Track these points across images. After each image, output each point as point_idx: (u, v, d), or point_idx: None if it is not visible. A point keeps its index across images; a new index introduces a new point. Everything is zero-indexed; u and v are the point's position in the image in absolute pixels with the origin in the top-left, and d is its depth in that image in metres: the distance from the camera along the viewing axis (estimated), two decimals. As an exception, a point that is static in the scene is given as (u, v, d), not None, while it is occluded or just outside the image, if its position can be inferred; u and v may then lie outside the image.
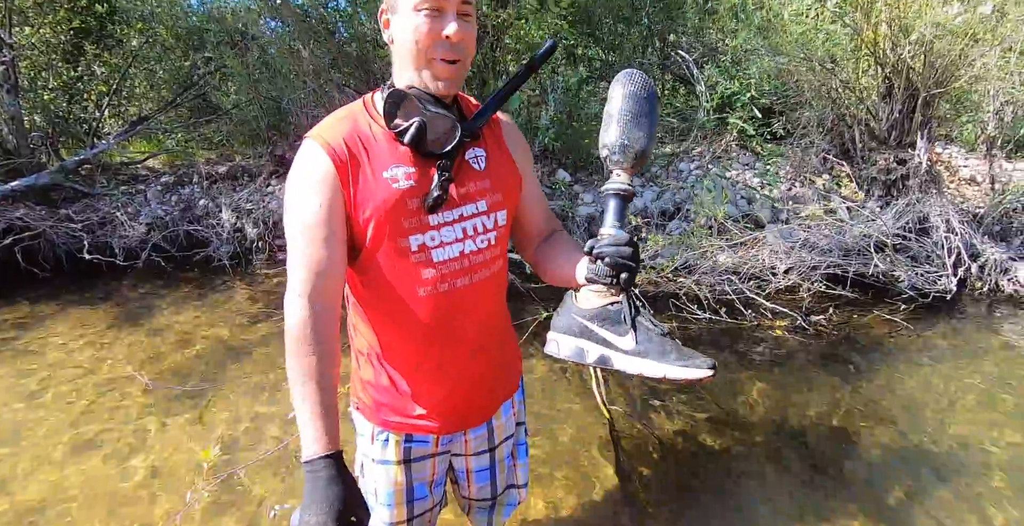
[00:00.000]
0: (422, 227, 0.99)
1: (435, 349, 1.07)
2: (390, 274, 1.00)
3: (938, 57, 3.57)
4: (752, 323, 3.18)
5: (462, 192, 1.02)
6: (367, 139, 0.98)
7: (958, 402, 2.53)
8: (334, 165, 0.94)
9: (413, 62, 0.95)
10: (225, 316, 3.59)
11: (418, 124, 0.94)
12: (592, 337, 0.89)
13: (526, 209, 1.17)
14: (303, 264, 0.94)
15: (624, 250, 0.90)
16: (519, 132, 1.19)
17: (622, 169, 0.96)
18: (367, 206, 0.95)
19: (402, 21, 0.94)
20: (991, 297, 3.66)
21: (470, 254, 1.04)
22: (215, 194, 5.06)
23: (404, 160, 0.98)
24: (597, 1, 4.88)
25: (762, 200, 4.02)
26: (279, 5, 4.38)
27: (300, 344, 0.93)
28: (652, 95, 0.99)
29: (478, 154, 1.06)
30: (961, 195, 4.58)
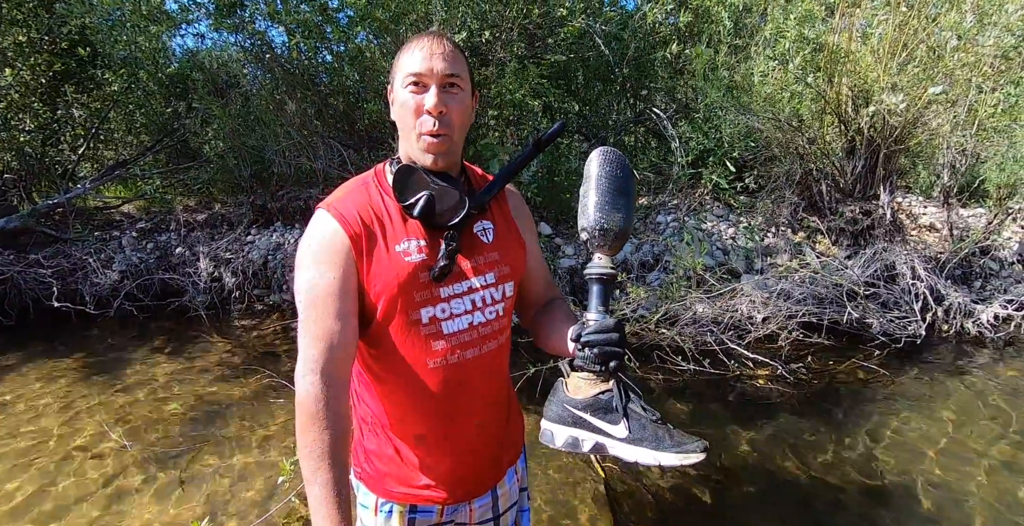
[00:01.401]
0: (433, 299, 1.00)
1: (442, 420, 1.07)
2: (401, 346, 1.01)
3: (895, 121, 3.82)
4: (735, 373, 3.23)
5: (471, 264, 1.05)
6: (380, 212, 1.00)
7: (935, 446, 2.59)
8: (348, 237, 0.95)
9: (407, 138, 0.99)
10: (202, 370, 3.49)
11: (427, 197, 0.97)
12: (585, 426, 0.90)
13: (529, 278, 1.20)
14: (316, 337, 0.94)
15: (611, 337, 0.91)
16: (525, 205, 1.23)
17: (603, 252, 0.99)
18: (380, 280, 0.97)
19: (396, 96, 0.99)
20: (958, 339, 3.79)
21: (479, 325, 1.05)
22: (193, 242, 5.00)
23: (415, 233, 1.00)
24: (573, 60, 5.11)
25: (737, 251, 4.15)
26: (266, 58, 4.47)
27: (314, 420, 0.92)
28: (627, 173, 1.03)
29: (486, 227, 1.09)
30: (923, 242, 4.80)
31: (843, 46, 3.95)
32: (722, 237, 4.34)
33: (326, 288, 0.95)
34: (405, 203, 0.98)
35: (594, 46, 4.85)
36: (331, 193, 1.05)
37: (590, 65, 5.08)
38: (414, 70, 0.95)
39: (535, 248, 1.21)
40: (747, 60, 4.61)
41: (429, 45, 0.97)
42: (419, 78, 0.96)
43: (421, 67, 0.95)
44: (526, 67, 4.39)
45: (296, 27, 4.14)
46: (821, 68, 4.06)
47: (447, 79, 0.96)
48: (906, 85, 3.73)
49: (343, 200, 0.99)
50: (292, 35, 4.14)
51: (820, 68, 4.06)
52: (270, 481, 2.38)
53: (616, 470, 2.43)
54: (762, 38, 4.57)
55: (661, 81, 5.00)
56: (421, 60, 0.96)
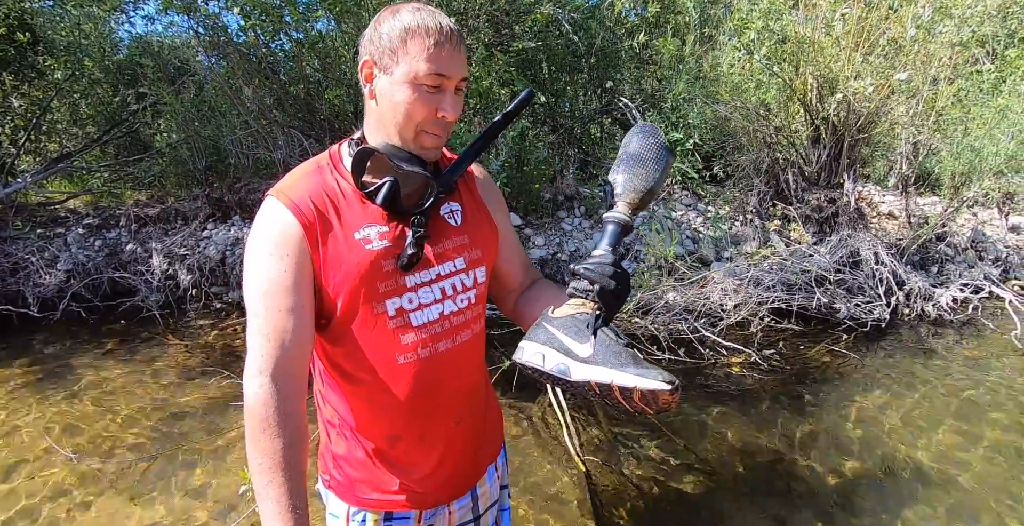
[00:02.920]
0: (399, 290, 0.93)
1: (417, 419, 0.99)
2: (366, 342, 0.93)
3: (861, 108, 3.88)
4: (710, 361, 3.23)
5: (439, 250, 0.98)
6: (336, 197, 0.92)
7: (904, 425, 2.65)
8: (301, 226, 0.87)
9: (399, 129, 0.90)
10: (157, 374, 3.29)
11: (391, 183, 0.89)
12: (554, 345, 0.85)
13: (504, 261, 1.13)
14: (265, 336, 0.86)
15: (606, 269, 0.88)
16: (494, 184, 1.16)
17: (627, 204, 0.96)
18: (338, 271, 0.89)
19: (396, 87, 0.88)
20: (919, 322, 3.90)
21: (450, 315, 0.98)
22: (144, 238, 4.75)
23: (376, 219, 0.93)
24: (540, 49, 5.04)
25: (707, 240, 4.17)
26: (221, 42, 4.26)
27: (264, 426, 0.84)
28: (667, 148, 1.01)
29: (454, 209, 1.02)
30: (883, 229, 4.92)
31: (808, 37, 3.99)
32: (692, 226, 4.35)
33: (277, 282, 0.86)
34: (366, 190, 0.91)
35: (561, 34, 4.78)
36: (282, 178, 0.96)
37: (557, 55, 5.02)
38: (440, 71, 0.86)
39: (508, 230, 1.14)
40: (714, 50, 4.62)
41: (450, 41, 0.87)
42: (442, 81, 0.87)
43: (447, 69, 0.86)
44: (493, 55, 4.30)
45: (252, 10, 3.94)
46: (787, 58, 4.10)
47: (462, 83, 0.90)
48: (870, 73, 3.80)
49: (294, 186, 0.91)
50: (247, 18, 3.94)
51: (786, 58, 4.10)
52: (231, 491, 2.24)
53: (598, 462, 2.39)
54: (728, 28, 4.60)
55: (628, 71, 4.98)
56: (448, 61, 0.86)
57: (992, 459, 2.39)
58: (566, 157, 4.91)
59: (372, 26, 0.91)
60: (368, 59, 0.90)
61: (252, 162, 4.65)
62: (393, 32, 0.86)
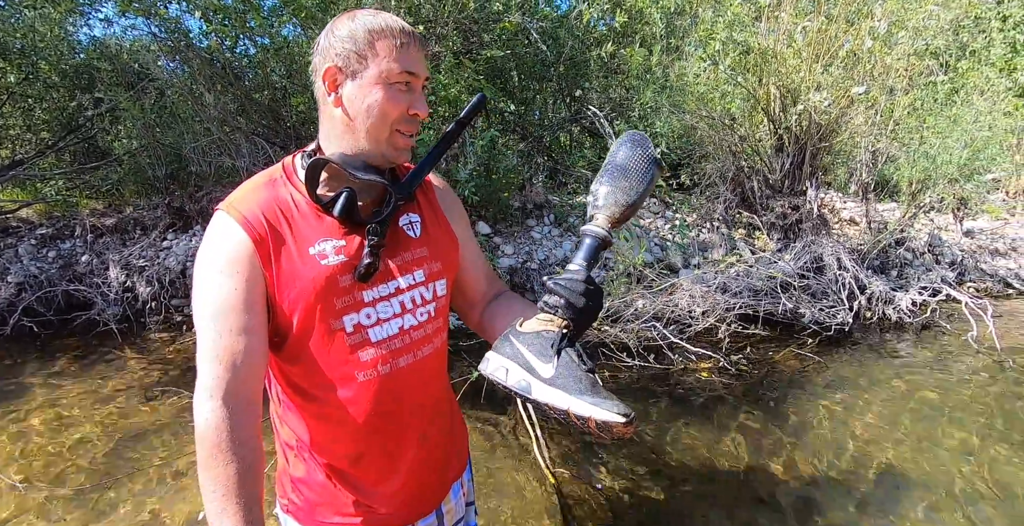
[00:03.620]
0: (356, 305, 0.91)
1: (379, 437, 0.97)
2: (324, 360, 0.90)
3: (821, 119, 3.98)
4: (679, 367, 3.25)
5: (398, 262, 0.96)
6: (289, 210, 0.89)
7: (868, 428, 2.70)
8: (252, 241, 0.84)
9: (374, 132, 0.88)
10: (114, 392, 3.15)
11: (347, 193, 0.87)
12: (519, 360, 0.85)
13: (466, 273, 1.11)
14: (216, 357, 0.83)
15: (579, 285, 0.87)
16: (453, 194, 1.14)
17: (608, 218, 0.94)
18: (292, 288, 0.86)
19: (368, 89, 0.87)
20: (880, 325, 4.00)
21: (410, 329, 0.96)
22: (101, 249, 4.58)
23: (332, 232, 0.90)
24: (509, 58, 5.05)
25: (674, 247, 4.21)
26: (182, 47, 4.15)
27: (216, 452, 0.81)
28: (655, 161, 0.99)
29: (413, 220, 1.01)
30: (845, 234, 5.05)
31: (771, 48, 4.08)
32: (660, 233, 4.39)
33: (227, 301, 0.83)
34: (321, 202, 0.89)
35: (530, 43, 4.80)
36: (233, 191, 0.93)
37: (526, 63, 5.04)
38: (410, 69, 0.87)
39: (470, 240, 1.12)
40: (680, 60, 4.69)
41: (414, 41, 0.88)
42: (412, 80, 0.88)
43: (416, 67, 0.88)
44: (461, 63, 4.29)
45: (214, 14, 3.85)
46: (751, 69, 4.18)
47: (426, 82, 0.93)
48: (830, 85, 3.90)
49: (244, 199, 0.88)
50: (209, 22, 3.85)
51: (750, 69, 4.19)
52: (190, 518, 2.15)
53: (568, 475, 2.37)
54: (694, 39, 4.67)
55: (596, 80, 5.03)
56: (416, 59, 0.88)
57: (954, 460, 2.45)
58: (535, 165, 4.92)
59: (327, 33, 0.89)
60: (332, 66, 0.88)
61: (215, 170, 4.53)
62: (357, 35, 0.86)
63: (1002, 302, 4.53)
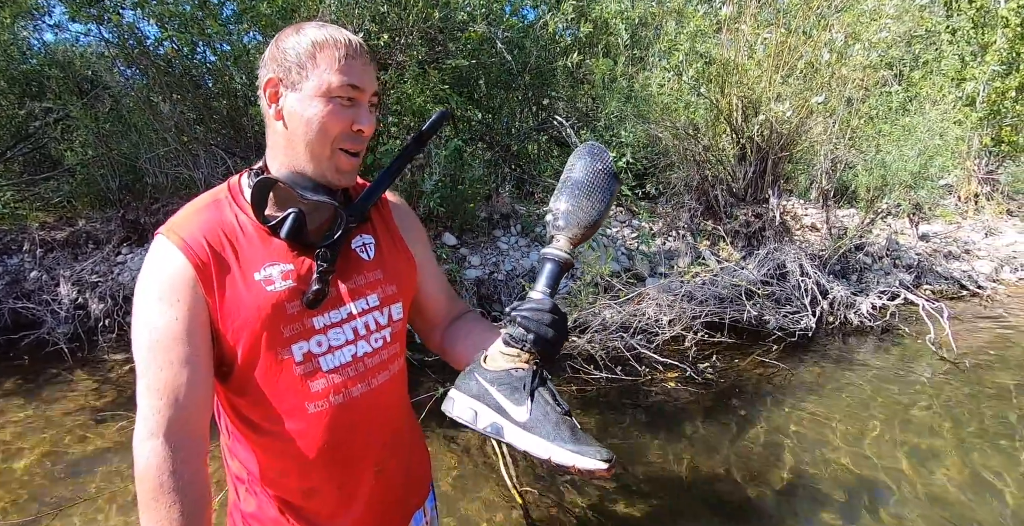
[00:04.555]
0: (306, 332, 0.87)
1: (334, 469, 0.92)
2: (272, 391, 0.86)
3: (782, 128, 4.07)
4: (647, 378, 3.25)
5: (350, 287, 0.92)
6: (234, 234, 0.85)
7: (833, 433, 2.74)
8: (193, 267, 0.81)
9: (313, 149, 0.84)
10: (63, 416, 3.00)
11: (295, 214, 0.84)
12: (488, 401, 0.81)
13: (426, 295, 1.08)
14: (157, 391, 0.79)
15: (544, 316, 0.83)
16: (411, 212, 1.10)
17: (568, 238, 0.91)
18: (237, 316, 0.82)
19: (307, 102, 0.83)
20: (842, 329, 4.08)
21: (364, 357, 0.93)
22: (51, 264, 4.39)
23: (280, 256, 0.86)
24: (476, 67, 5.03)
25: (641, 256, 4.24)
26: (135, 54, 4.01)
27: (159, 494, 0.77)
28: (614, 175, 0.96)
29: (366, 242, 0.97)
30: (806, 240, 5.16)
31: (732, 60, 4.16)
32: (626, 242, 4.41)
33: (167, 331, 0.79)
34: (269, 223, 0.85)
35: (496, 52, 4.79)
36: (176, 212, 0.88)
37: (492, 73, 5.03)
38: (354, 82, 0.83)
39: (429, 261, 1.09)
40: (644, 70, 4.74)
41: (361, 55, 0.85)
42: (356, 94, 0.84)
43: (360, 80, 0.84)
44: (427, 72, 4.25)
45: (169, 19, 3.73)
46: (713, 80, 4.25)
47: (374, 98, 0.88)
48: (789, 95, 3.98)
49: (186, 222, 0.84)
50: (165, 29, 3.74)
51: (712, 80, 4.25)
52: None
53: (535, 493, 2.33)
54: (658, 50, 4.73)
55: (563, 90, 5.05)
56: (360, 73, 0.84)
57: (918, 464, 2.50)
58: (502, 175, 4.90)
59: (273, 45, 0.86)
60: (273, 77, 0.85)
61: (171, 181, 4.39)
62: (300, 47, 0.83)
63: (956, 303, 4.69)
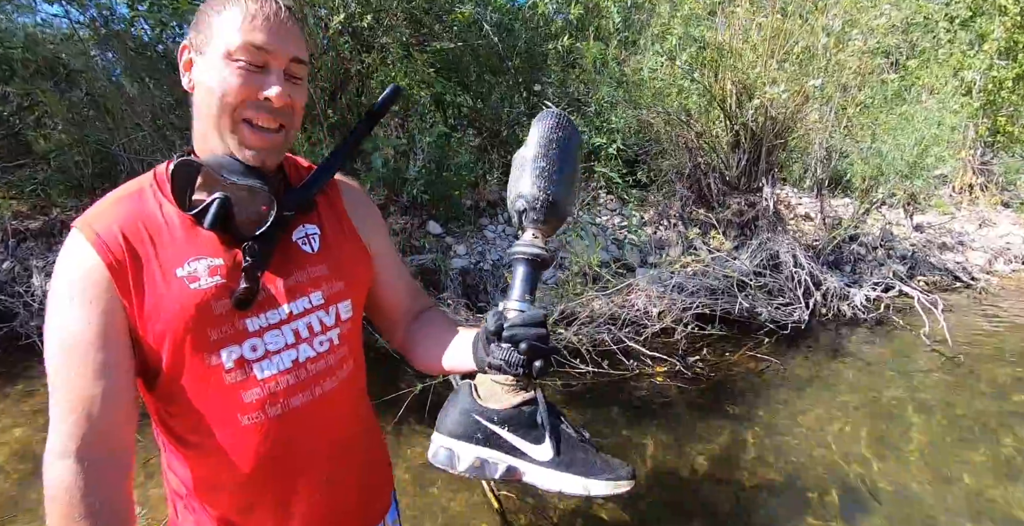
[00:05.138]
0: (237, 336, 0.77)
1: (273, 485, 0.83)
2: (200, 402, 0.77)
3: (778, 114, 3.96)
4: (634, 372, 3.15)
5: (290, 284, 0.82)
6: (155, 225, 0.76)
7: (824, 430, 2.66)
8: (107, 266, 0.72)
9: (215, 122, 0.75)
10: (33, 412, 2.89)
11: (220, 201, 0.74)
12: (498, 444, 0.71)
13: (384, 290, 0.97)
14: (69, 404, 0.71)
15: (540, 331, 0.72)
16: (367, 199, 0.99)
17: (537, 228, 0.79)
18: (158, 318, 0.73)
19: (208, 68, 0.74)
20: (835, 321, 4.01)
21: (306, 362, 0.82)
22: (24, 255, 4.25)
23: (207, 249, 0.77)
24: (464, 50, 4.89)
25: (631, 246, 4.14)
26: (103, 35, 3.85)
27: (70, 518, 0.69)
28: (577, 141, 0.83)
29: (310, 233, 0.86)
30: (800, 230, 5.08)
31: (727, 44, 4.03)
32: (617, 231, 4.31)
33: (80, 336, 0.71)
34: (192, 211, 0.75)
35: (483, 35, 4.65)
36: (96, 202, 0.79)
37: (481, 57, 4.89)
38: (255, 41, 0.73)
39: (387, 252, 0.98)
40: (636, 55, 4.62)
41: (275, 14, 0.73)
42: (262, 56, 0.72)
43: (264, 40, 0.73)
44: (411, 55, 4.11)
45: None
46: (707, 64, 4.13)
47: (295, 66, 0.77)
48: (785, 80, 3.87)
49: (102, 214, 0.75)
50: (132, 7, 3.58)
51: (706, 64, 4.13)
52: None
53: (513, 498, 2.23)
54: (651, 34, 4.60)
55: (553, 75, 4.92)
56: (270, 33, 0.73)
57: (913, 461, 2.43)
58: (490, 162, 4.78)
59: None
60: (186, 43, 0.76)
61: (147, 168, 4.24)
62: (209, 6, 0.75)
63: (950, 295, 4.63)
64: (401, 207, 3.99)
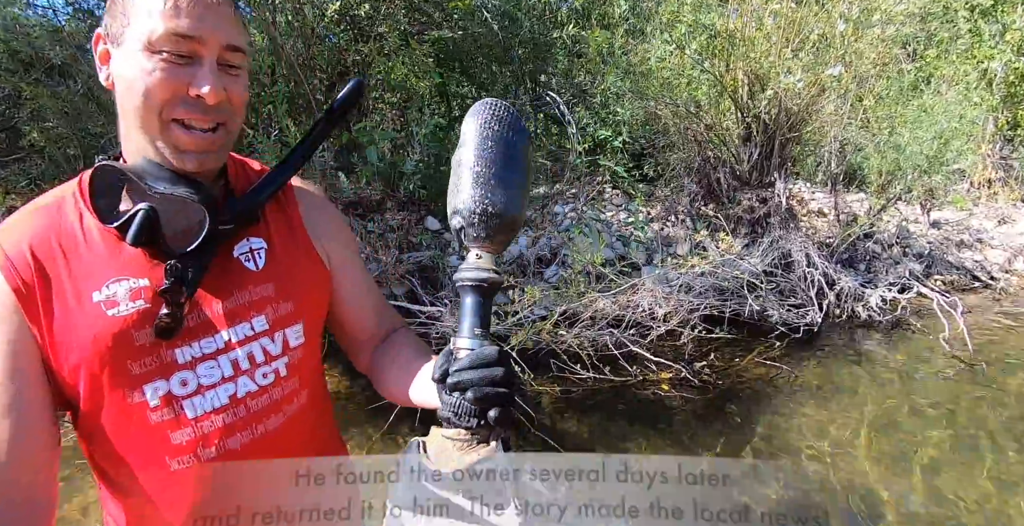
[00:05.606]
0: (163, 369, 0.68)
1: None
2: (122, 443, 0.68)
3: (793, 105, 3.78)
4: (637, 378, 3.01)
5: (229, 307, 0.72)
6: (71, 240, 0.67)
7: (838, 444, 2.51)
8: (12, 290, 0.64)
9: (140, 123, 0.65)
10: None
11: (144, 213, 0.64)
12: (456, 514, 0.59)
13: (346, 307, 0.86)
14: None
15: (493, 373, 0.60)
16: (327, 203, 0.87)
17: (482, 247, 0.66)
18: (70, 347, 0.64)
19: (127, 60, 0.64)
20: (850, 324, 3.84)
21: (246, 397, 0.73)
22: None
23: (131, 269, 0.67)
24: (467, 40, 4.74)
25: (635, 243, 3.99)
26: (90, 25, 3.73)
27: None
28: (522, 136, 0.69)
29: (255, 247, 0.75)
30: (812, 226, 4.90)
31: (739, 32, 3.86)
32: (621, 227, 4.16)
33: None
34: (114, 223, 0.66)
35: (485, 23, 4.50)
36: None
37: (483, 46, 4.74)
38: (179, 29, 0.62)
39: (350, 265, 0.86)
40: (644, 43, 4.45)
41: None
42: (188, 45, 0.61)
43: (189, 26, 0.63)
44: (410, 44, 3.97)
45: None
46: (718, 54, 3.95)
47: (230, 54, 0.66)
48: (801, 69, 3.69)
49: (13, 229, 0.67)
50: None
51: (716, 54, 3.95)
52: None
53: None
54: (659, 22, 4.43)
55: (559, 65, 4.76)
56: (196, 16, 0.62)
57: (931, 477, 2.28)
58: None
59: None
60: (100, 32, 0.66)
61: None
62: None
63: (968, 295, 4.45)
64: (398, 202, 3.86)
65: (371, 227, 3.78)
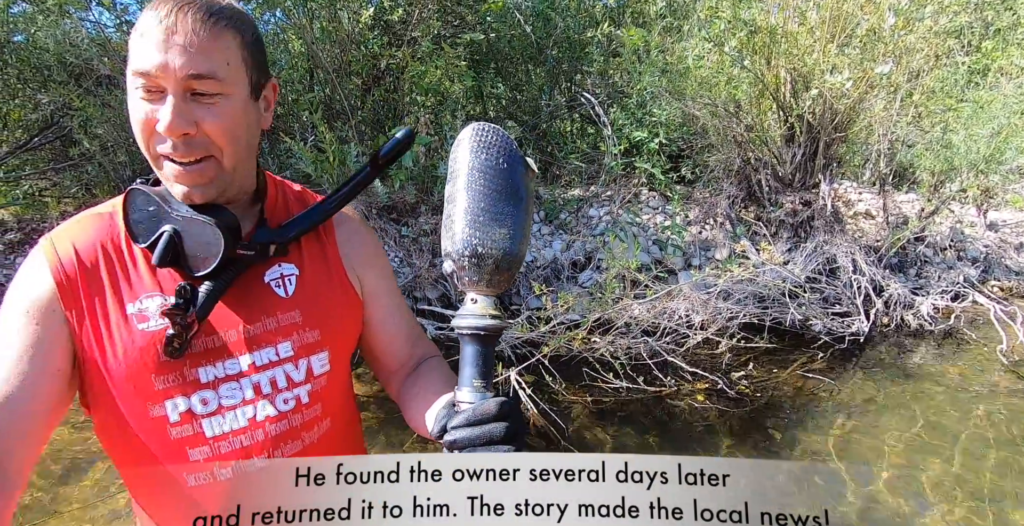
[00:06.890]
0: (186, 386, 0.70)
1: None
2: (142, 453, 0.71)
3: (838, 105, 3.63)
4: (672, 389, 2.93)
5: (253, 332, 0.73)
6: (117, 253, 0.71)
7: (883, 467, 2.38)
8: (56, 284, 0.67)
9: (146, 156, 0.68)
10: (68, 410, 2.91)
11: (167, 236, 0.67)
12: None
13: (378, 335, 0.87)
14: None
15: (491, 431, 0.58)
16: (365, 229, 0.87)
17: (478, 291, 0.63)
18: (103, 352, 0.68)
19: (128, 96, 0.67)
20: (898, 333, 3.66)
21: (265, 421, 0.74)
22: (67, 252, 4.35)
23: (165, 286, 0.70)
24: (502, 39, 4.72)
25: (672, 248, 3.90)
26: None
27: None
28: (515, 162, 0.64)
29: (286, 273, 0.77)
30: (859, 229, 4.69)
31: (781, 27, 3.71)
32: (658, 231, 4.07)
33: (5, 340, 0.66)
34: (144, 243, 0.69)
35: (517, 24, 4.47)
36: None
37: (517, 46, 4.71)
38: (139, 68, 0.63)
39: (384, 293, 0.87)
40: (681, 41, 4.34)
41: (168, 21, 0.61)
42: (148, 80, 0.63)
43: (149, 63, 0.62)
44: (441, 48, 3.97)
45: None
46: (758, 51, 3.82)
47: (190, 82, 0.63)
48: (847, 67, 3.53)
49: (67, 232, 0.71)
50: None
51: (757, 50, 3.82)
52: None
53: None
54: (696, 18, 4.31)
55: (595, 64, 4.69)
56: (153, 50, 0.62)
57: (985, 506, 2.13)
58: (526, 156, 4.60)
59: None
60: None
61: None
62: None
63: (1029, 303, 4.18)
64: (432, 206, 3.87)
65: (405, 232, 3.81)
